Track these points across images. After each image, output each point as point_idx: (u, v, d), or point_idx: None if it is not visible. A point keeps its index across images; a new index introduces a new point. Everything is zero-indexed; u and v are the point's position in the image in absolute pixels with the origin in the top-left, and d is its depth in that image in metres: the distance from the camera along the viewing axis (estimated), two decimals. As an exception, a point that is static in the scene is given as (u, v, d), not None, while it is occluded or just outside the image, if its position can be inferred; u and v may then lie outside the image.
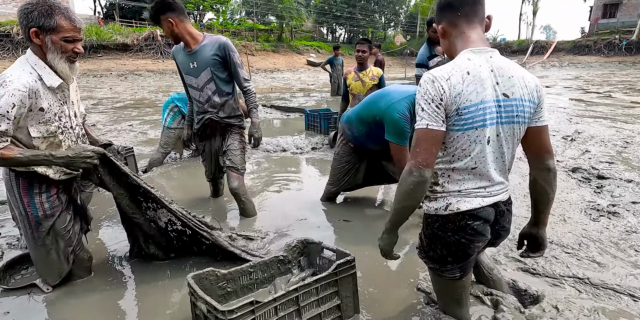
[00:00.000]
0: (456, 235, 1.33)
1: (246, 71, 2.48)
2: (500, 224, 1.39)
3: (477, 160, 1.26)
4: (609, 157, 3.93)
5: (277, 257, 1.83)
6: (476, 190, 1.31)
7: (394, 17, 43.75)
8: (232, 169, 2.61)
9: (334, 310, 1.59)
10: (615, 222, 2.50)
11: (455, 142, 1.25)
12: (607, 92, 10.35)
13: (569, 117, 6.51)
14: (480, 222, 1.31)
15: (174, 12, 2.37)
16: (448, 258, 1.38)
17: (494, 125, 1.23)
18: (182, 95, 3.89)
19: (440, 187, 1.32)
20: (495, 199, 1.34)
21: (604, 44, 25.93)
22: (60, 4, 1.52)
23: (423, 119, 1.20)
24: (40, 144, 1.64)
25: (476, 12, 1.26)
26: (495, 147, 1.27)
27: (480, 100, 1.19)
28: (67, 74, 1.63)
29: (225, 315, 1.26)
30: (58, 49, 1.53)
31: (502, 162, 1.32)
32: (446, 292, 1.53)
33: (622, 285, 1.81)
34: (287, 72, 22.46)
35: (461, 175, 1.29)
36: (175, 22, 2.38)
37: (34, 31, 1.49)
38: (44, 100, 1.58)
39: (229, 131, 2.64)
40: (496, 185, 1.33)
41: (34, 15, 1.47)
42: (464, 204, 1.30)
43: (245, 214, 2.76)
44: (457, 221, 1.32)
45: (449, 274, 1.42)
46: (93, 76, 15.45)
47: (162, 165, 4.01)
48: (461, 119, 1.20)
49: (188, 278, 1.49)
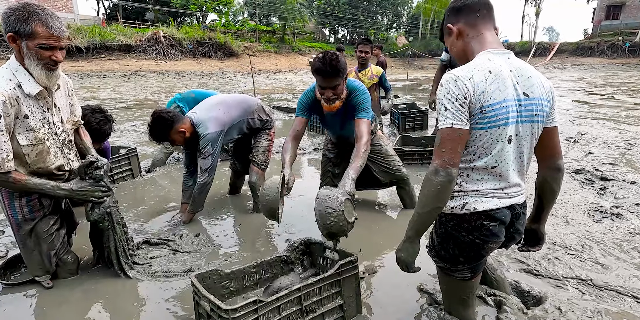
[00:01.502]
0: (470, 235, 1.32)
1: (207, 162, 2.49)
2: (514, 226, 1.37)
3: (498, 159, 1.26)
4: (613, 158, 3.92)
5: (280, 257, 1.84)
6: (494, 191, 1.30)
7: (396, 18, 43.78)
8: (254, 163, 2.79)
9: (336, 310, 1.59)
10: (618, 223, 2.49)
11: (477, 140, 1.24)
12: (610, 94, 10.32)
13: (572, 119, 6.50)
14: (496, 223, 1.30)
15: (178, 122, 2.41)
16: (460, 258, 1.37)
17: (515, 124, 1.24)
18: (184, 95, 3.91)
19: (457, 186, 1.32)
20: (512, 200, 1.33)
21: (607, 45, 25.86)
22: (41, 11, 1.47)
23: (447, 118, 1.18)
24: (30, 152, 1.62)
25: (492, 16, 1.31)
26: (515, 146, 1.28)
27: (503, 98, 1.19)
28: (43, 81, 1.58)
29: (229, 314, 1.27)
30: (34, 56, 1.49)
31: (521, 162, 1.32)
32: (454, 292, 1.52)
33: (626, 287, 1.80)
34: (289, 73, 22.51)
35: (480, 175, 1.29)
36: (187, 129, 2.44)
37: (10, 36, 1.46)
38: (25, 107, 1.56)
39: (260, 132, 2.85)
40: (513, 187, 1.32)
41: (11, 19, 1.45)
42: (481, 204, 1.29)
43: (258, 209, 2.79)
44: (473, 221, 1.31)
45: (459, 274, 1.41)
46: (96, 77, 15.52)
47: (165, 165, 4.03)
48: (485, 117, 1.20)
49: (192, 277, 1.50)
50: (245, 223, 2.68)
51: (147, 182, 3.61)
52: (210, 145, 2.46)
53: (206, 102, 2.68)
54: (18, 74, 1.55)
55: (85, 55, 16.99)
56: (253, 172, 2.79)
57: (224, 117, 2.55)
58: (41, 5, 1.53)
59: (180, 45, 20.56)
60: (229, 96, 2.80)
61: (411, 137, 4.46)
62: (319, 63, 2.06)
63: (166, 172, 3.85)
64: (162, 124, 2.38)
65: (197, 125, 2.47)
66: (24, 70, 1.55)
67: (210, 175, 2.53)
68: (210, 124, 2.46)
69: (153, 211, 2.88)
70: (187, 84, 15.18)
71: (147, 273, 2.00)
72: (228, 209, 2.94)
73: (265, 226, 2.64)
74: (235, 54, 22.82)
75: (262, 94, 11.87)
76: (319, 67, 2.06)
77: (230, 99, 2.72)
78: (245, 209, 2.92)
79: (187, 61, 20.16)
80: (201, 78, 17.76)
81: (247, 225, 2.64)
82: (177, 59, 19.93)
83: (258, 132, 2.84)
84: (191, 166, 2.70)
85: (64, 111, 1.80)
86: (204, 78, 17.83)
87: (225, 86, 14.46)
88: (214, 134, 2.46)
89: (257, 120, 2.76)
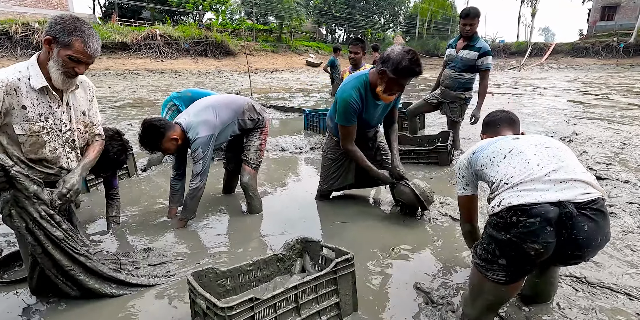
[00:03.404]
0: (508, 234, 1.26)
1: (199, 167, 2.45)
2: (570, 229, 1.23)
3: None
4: (607, 158, 3.95)
5: (277, 255, 1.84)
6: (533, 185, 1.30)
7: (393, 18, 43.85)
8: (246, 163, 2.73)
9: (332, 308, 1.59)
10: (612, 222, 2.51)
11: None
12: (604, 94, 10.40)
13: (566, 119, 6.54)
14: (535, 220, 1.21)
15: (170, 129, 2.38)
16: (499, 260, 1.30)
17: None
18: (181, 94, 3.90)
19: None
20: (559, 195, 1.24)
21: (602, 46, 26.03)
22: (87, 29, 1.60)
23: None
24: (25, 142, 1.66)
25: (513, 126, 1.78)
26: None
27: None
28: (58, 84, 1.66)
29: (225, 312, 1.27)
30: (60, 62, 1.60)
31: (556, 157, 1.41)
32: (480, 292, 1.44)
33: (619, 284, 1.82)
34: (286, 73, 22.47)
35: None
36: (179, 136, 2.42)
37: (47, 39, 1.58)
38: (27, 99, 1.62)
39: (252, 131, 2.80)
40: (566, 182, 1.28)
41: (57, 27, 1.56)
42: (516, 198, 1.27)
43: (251, 210, 2.79)
44: (508, 217, 1.26)
45: (492, 275, 1.34)
46: (92, 75, 15.39)
47: (161, 164, 4.01)
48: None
49: (188, 275, 1.50)
50: (239, 223, 2.68)
51: (143, 180, 3.59)
52: (200, 149, 2.42)
53: (195, 106, 2.62)
54: (32, 69, 1.63)
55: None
56: (245, 172, 2.72)
57: (214, 120, 2.50)
58: (89, 24, 1.63)
59: (176, 44, 20.46)
60: (218, 98, 2.72)
61: (407, 136, 4.47)
62: (414, 65, 2.09)
63: (162, 171, 3.84)
64: (154, 133, 2.33)
65: (187, 130, 2.43)
66: (37, 66, 1.63)
67: (202, 179, 2.48)
68: (201, 128, 2.42)
69: (149, 210, 2.87)
70: (183, 82, 15.12)
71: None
72: (221, 209, 2.92)
73: (259, 226, 2.64)
74: (232, 53, 22.74)
75: (258, 93, 11.84)
76: (413, 69, 2.10)
77: (219, 102, 2.64)
78: (239, 210, 2.90)
79: (183, 60, 20.07)
80: (198, 77, 17.68)
81: (241, 226, 2.64)
82: (173, 57, 19.83)
83: (250, 131, 2.79)
84: (180, 169, 2.64)
85: (79, 112, 1.84)
86: (201, 77, 17.76)
87: (222, 85, 14.41)
88: (205, 138, 2.42)
89: (247, 120, 2.70)
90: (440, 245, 2.29)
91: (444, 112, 4.25)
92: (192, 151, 2.44)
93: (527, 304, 1.68)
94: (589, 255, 1.33)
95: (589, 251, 1.31)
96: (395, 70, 2.12)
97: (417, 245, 2.30)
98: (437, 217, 2.66)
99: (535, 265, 1.33)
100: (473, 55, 3.77)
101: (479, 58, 3.76)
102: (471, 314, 1.51)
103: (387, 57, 2.16)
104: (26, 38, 15.29)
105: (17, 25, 15.22)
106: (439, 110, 4.34)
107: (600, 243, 1.30)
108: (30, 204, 1.59)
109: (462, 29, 3.79)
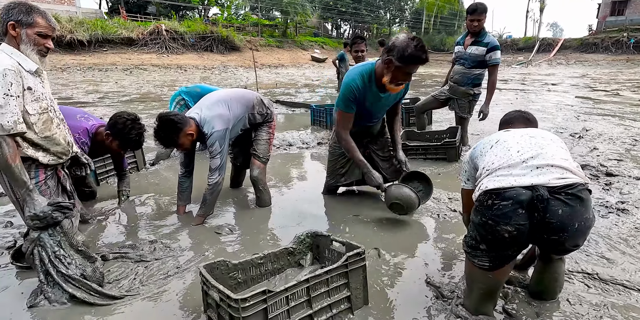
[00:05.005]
0: (483, 217, 1.33)
1: (217, 162, 2.44)
2: (543, 213, 1.25)
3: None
4: (618, 154, 3.91)
5: (287, 249, 1.84)
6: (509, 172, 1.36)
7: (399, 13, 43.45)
8: (256, 157, 2.74)
9: (343, 302, 1.60)
10: (624, 218, 2.49)
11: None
12: (614, 90, 10.26)
13: (576, 115, 6.47)
14: (508, 202, 1.27)
15: (186, 124, 2.35)
16: (480, 246, 1.38)
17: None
18: (190, 89, 3.90)
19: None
20: (533, 180, 1.29)
21: (611, 42, 25.65)
22: (39, 8, 1.74)
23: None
24: (37, 121, 1.74)
25: (527, 123, 1.79)
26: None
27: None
28: (37, 64, 1.75)
29: (239, 304, 1.28)
30: (32, 42, 1.69)
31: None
32: (472, 280, 1.53)
33: (632, 281, 1.80)
34: (291, 68, 22.41)
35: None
36: (194, 131, 2.39)
37: (11, 24, 1.66)
38: (29, 81, 1.71)
39: (260, 125, 2.79)
40: (542, 167, 1.33)
41: (15, 11, 1.66)
42: (492, 183, 1.34)
43: (261, 204, 2.80)
44: (485, 201, 1.34)
45: (478, 261, 1.42)
46: (99, 70, 15.48)
47: (169, 158, 4.03)
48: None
49: (200, 267, 1.51)
50: (248, 217, 2.69)
51: (151, 174, 3.61)
52: (217, 144, 2.40)
53: (206, 100, 2.60)
54: (14, 55, 1.69)
55: (87, 48, 16.93)
56: (255, 166, 2.73)
57: (228, 114, 2.49)
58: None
59: (182, 39, 20.47)
60: (228, 93, 2.70)
61: (415, 131, 4.44)
62: (419, 52, 2.04)
63: (170, 165, 3.86)
64: (170, 128, 2.29)
65: (202, 124, 2.41)
66: (19, 52, 1.70)
67: (220, 174, 2.46)
68: (216, 122, 2.40)
69: (157, 204, 2.89)
70: (189, 78, 15.14)
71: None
72: (230, 203, 2.94)
73: (268, 220, 2.65)
74: (238, 48, 22.72)
75: (264, 88, 11.83)
76: (419, 55, 2.06)
77: (231, 96, 2.62)
78: (248, 204, 2.91)
79: (189, 55, 20.09)
80: (203, 72, 17.70)
81: (251, 219, 2.65)
82: (179, 52, 19.86)
83: (259, 125, 2.78)
84: (189, 166, 2.62)
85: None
86: (206, 72, 17.77)
87: (227, 80, 14.42)
88: (221, 132, 2.41)
89: (257, 115, 2.69)
90: (450, 240, 2.28)
91: (452, 108, 4.22)
92: (209, 146, 2.42)
93: (536, 300, 1.67)
94: (568, 241, 1.32)
95: (566, 237, 1.30)
96: (401, 58, 2.08)
97: (427, 240, 2.30)
98: (447, 213, 2.66)
99: (515, 251, 1.36)
100: (481, 51, 3.73)
101: (488, 53, 3.72)
102: (469, 304, 1.55)
103: (392, 46, 2.12)
104: (33, 33, 15.36)
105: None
106: (447, 106, 4.31)
107: (579, 228, 1.29)
108: (50, 243, 1.71)
109: (470, 25, 3.75)
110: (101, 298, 1.73)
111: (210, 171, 2.46)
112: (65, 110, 2.54)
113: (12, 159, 1.59)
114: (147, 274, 1.94)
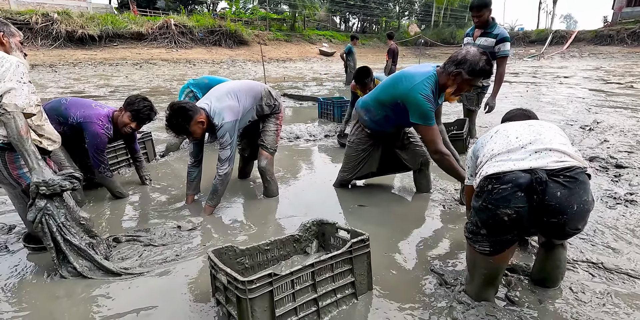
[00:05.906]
0: (484, 202, 1.36)
1: (227, 153, 2.47)
2: (542, 195, 1.26)
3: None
4: (629, 146, 3.85)
5: (293, 236, 1.88)
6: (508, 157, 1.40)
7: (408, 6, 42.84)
8: (263, 148, 2.79)
9: (348, 287, 1.64)
10: (632, 209, 2.47)
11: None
12: (629, 83, 10.04)
13: (587, 107, 6.37)
14: (507, 186, 1.29)
15: (197, 112, 2.38)
16: (481, 231, 1.40)
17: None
18: (198, 81, 3.95)
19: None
20: (532, 163, 1.31)
21: (627, 33, 24.93)
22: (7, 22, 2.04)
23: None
24: (37, 112, 1.85)
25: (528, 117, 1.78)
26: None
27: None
28: (27, 66, 1.92)
29: (245, 286, 1.32)
30: (18, 48, 1.99)
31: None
32: (473, 265, 1.55)
33: (637, 270, 1.81)
34: (299, 62, 22.34)
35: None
36: (205, 119, 2.42)
37: (2, 35, 1.92)
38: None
39: (268, 116, 2.83)
40: (541, 152, 1.36)
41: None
42: (492, 168, 1.37)
43: (268, 194, 2.85)
44: (485, 186, 1.37)
45: (478, 246, 1.44)
46: (109, 65, 15.63)
47: (179, 150, 4.10)
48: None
49: (208, 252, 1.56)
50: (255, 206, 2.74)
51: (161, 166, 3.68)
52: (228, 135, 2.44)
53: (215, 91, 2.63)
54: (14, 55, 1.87)
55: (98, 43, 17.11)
56: (262, 156, 2.78)
57: (237, 105, 2.52)
58: None
59: (190, 33, 20.51)
60: (237, 84, 2.73)
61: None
62: (489, 66, 2.17)
63: (180, 157, 3.92)
64: (182, 115, 2.33)
65: (212, 115, 2.44)
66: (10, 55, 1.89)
67: (230, 164, 2.50)
68: (226, 114, 2.44)
69: (167, 194, 2.96)
70: (197, 72, 15.21)
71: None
72: (238, 193, 2.99)
73: (275, 209, 2.69)
74: (246, 42, 22.68)
75: (272, 82, 11.84)
76: (489, 70, 2.20)
77: (240, 87, 2.65)
78: (255, 194, 2.96)
79: (197, 49, 20.14)
80: (212, 66, 17.75)
81: (258, 209, 2.69)
82: (187, 47, 19.91)
83: (267, 117, 2.81)
84: (199, 156, 2.67)
85: None
86: (215, 66, 17.82)
87: (236, 74, 14.45)
88: (231, 123, 2.44)
89: (265, 106, 2.72)
90: (455, 229, 2.30)
91: (460, 100, 4.20)
92: (219, 137, 2.45)
93: (539, 288, 1.69)
94: (568, 223, 1.32)
95: (566, 219, 1.30)
96: (472, 72, 2.15)
97: (432, 230, 2.32)
98: (452, 204, 2.67)
99: (515, 235, 1.36)
100: (490, 42, 3.70)
101: (497, 44, 3.68)
102: (471, 290, 1.58)
103: (463, 59, 2.16)
104: (46, 28, 15.56)
105: (37, 16, 15.48)
106: None
107: (578, 211, 1.29)
108: (57, 212, 1.78)
109: (473, 20, 3.77)
110: (102, 273, 1.85)
111: (220, 162, 2.49)
112: (79, 101, 2.65)
113: (25, 131, 1.69)
114: (152, 257, 2.02)
